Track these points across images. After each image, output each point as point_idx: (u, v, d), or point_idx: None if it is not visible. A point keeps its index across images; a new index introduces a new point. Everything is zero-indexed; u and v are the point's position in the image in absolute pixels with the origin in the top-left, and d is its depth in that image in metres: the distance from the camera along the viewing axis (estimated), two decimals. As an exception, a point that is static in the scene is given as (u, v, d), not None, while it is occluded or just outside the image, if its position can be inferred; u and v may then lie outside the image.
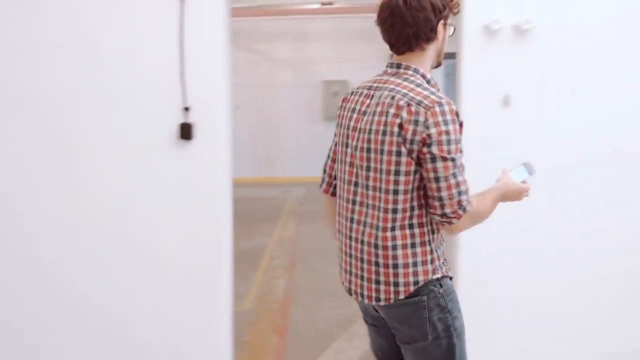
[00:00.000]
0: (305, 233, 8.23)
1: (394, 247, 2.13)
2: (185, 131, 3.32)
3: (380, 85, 2.18)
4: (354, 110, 2.23)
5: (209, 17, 3.30)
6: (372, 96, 2.18)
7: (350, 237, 2.24)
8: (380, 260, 2.15)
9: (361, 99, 2.22)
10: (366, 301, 2.23)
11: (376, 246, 2.15)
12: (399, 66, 2.20)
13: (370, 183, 2.15)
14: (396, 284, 2.15)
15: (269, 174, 13.05)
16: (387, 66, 2.24)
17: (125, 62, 3.32)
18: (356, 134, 2.19)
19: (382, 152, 2.10)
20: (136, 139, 3.36)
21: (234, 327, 3.64)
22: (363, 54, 12.79)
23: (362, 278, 2.22)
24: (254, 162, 12.97)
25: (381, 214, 2.13)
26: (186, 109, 3.31)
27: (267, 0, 10.56)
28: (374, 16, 2.21)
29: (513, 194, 2.29)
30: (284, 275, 6.24)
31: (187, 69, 3.29)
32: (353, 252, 2.24)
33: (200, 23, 3.28)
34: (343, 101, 2.30)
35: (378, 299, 2.19)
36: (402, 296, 2.15)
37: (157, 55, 3.31)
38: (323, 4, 11.03)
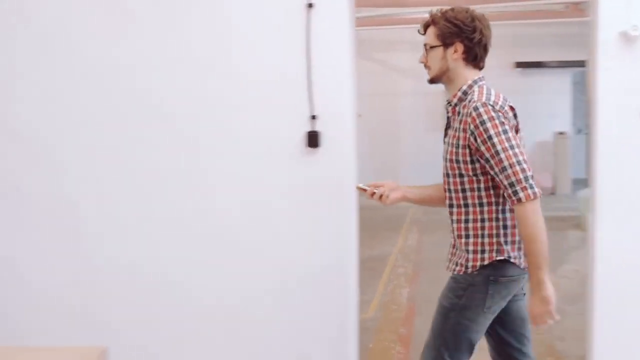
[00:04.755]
0: (428, 242, 8.16)
1: None
2: (312, 139, 3.40)
3: None
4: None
5: (335, 27, 3.38)
6: None
7: None
8: None
9: None
10: None
11: None
12: None
13: None
14: None
15: (390, 182, 13.00)
16: (483, 79, 2.78)
17: (255, 72, 3.45)
18: None
19: None
20: (265, 147, 3.47)
21: (359, 334, 3.68)
22: (485, 63, 12.57)
23: None
24: (375, 169, 12.98)
25: None
26: (313, 117, 3.39)
27: (387, 9, 10.58)
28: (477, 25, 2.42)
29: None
30: (407, 285, 6.21)
31: (314, 78, 3.37)
32: None
33: (326, 33, 3.36)
34: (512, 110, 2.62)
35: None
36: None
37: (286, 65, 3.41)
38: (443, 12, 10.93)
